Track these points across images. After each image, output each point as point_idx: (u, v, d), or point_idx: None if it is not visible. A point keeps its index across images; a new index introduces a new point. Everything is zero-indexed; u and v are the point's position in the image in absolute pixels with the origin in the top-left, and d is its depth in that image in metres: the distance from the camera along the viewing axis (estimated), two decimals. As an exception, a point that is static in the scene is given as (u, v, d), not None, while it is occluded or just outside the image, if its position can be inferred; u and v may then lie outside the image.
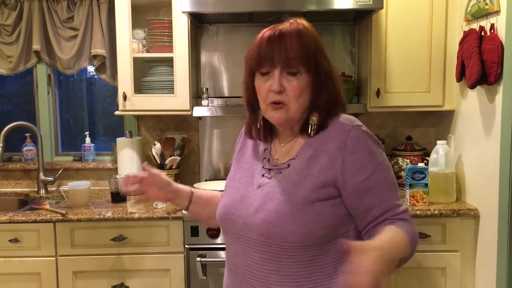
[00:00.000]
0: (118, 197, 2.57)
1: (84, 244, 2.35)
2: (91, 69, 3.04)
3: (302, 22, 1.24)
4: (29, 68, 2.94)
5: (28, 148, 3.02)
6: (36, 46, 2.83)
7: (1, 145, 2.72)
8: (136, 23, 2.63)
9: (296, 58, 1.18)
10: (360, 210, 1.19)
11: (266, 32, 1.23)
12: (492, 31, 2.14)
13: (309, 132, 1.24)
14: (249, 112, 1.32)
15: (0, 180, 3.00)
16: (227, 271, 1.34)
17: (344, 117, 1.25)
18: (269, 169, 1.28)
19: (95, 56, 2.84)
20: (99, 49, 2.81)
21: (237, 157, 1.40)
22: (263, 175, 1.28)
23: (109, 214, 2.34)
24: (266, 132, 1.32)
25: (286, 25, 1.22)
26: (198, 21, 2.78)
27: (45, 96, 3.01)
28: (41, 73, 2.99)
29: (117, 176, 2.64)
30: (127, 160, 2.76)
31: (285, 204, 1.18)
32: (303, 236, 1.16)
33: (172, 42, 2.58)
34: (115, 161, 2.92)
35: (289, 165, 1.25)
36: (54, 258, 2.36)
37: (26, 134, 3.00)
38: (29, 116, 3.03)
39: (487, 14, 2.19)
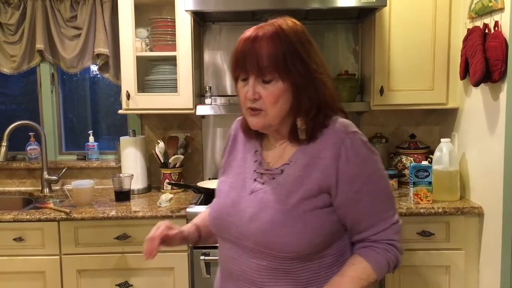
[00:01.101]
0: (121, 196, 2.58)
1: (88, 242, 2.36)
2: (94, 68, 3.04)
3: (283, 22, 1.20)
4: (33, 67, 2.95)
5: (32, 147, 3.03)
6: (39, 45, 2.83)
7: (5, 144, 2.73)
8: (139, 22, 2.64)
9: (268, 66, 1.14)
10: (348, 221, 1.20)
11: (242, 37, 1.20)
12: (496, 28, 2.13)
13: (299, 138, 1.22)
14: (241, 111, 1.30)
15: (4, 179, 3.01)
16: (220, 275, 1.32)
17: (340, 123, 1.21)
18: (261, 173, 1.25)
19: (98, 55, 2.85)
20: (102, 48, 2.81)
21: (227, 161, 1.37)
22: (255, 180, 1.25)
23: (113, 213, 2.34)
24: (257, 132, 1.30)
25: (263, 29, 1.18)
26: (201, 20, 2.78)
27: (48, 95, 3.02)
28: (45, 72, 2.99)
29: (121, 175, 2.65)
30: (131, 159, 2.77)
31: (281, 213, 1.17)
32: (302, 246, 1.15)
33: (175, 40, 2.58)
34: (118, 160, 2.92)
35: (282, 170, 1.22)
36: (58, 257, 2.37)
37: (30, 133, 3.01)
38: (33, 115, 3.03)
39: (491, 11, 2.18)
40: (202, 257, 2.28)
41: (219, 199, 1.31)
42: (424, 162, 2.46)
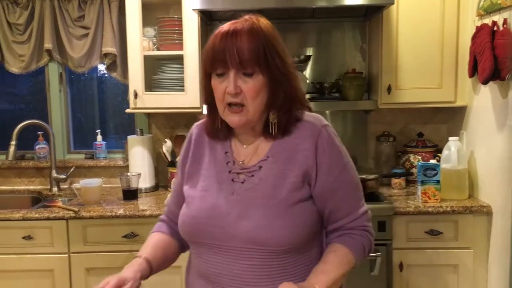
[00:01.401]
0: (129, 194, 2.59)
1: (96, 241, 2.37)
2: (102, 67, 3.06)
3: (257, 19, 1.21)
4: (41, 67, 2.97)
5: (41, 146, 3.05)
6: (47, 45, 2.85)
7: (14, 143, 2.75)
8: (146, 21, 2.64)
9: (249, 60, 1.14)
10: (326, 210, 1.24)
11: (219, 32, 1.19)
12: (505, 26, 2.11)
13: (270, 131, 1.22)
14: (208, 111, 1.28)
15: (13, 178, 3.03)
16: (199, 281, 1.27)
17: (312, 116, 1.26)
18: (238, 173, 1.24)
19: (106, 55, 2.86)
20: (110, 48, 2.83)
21: (192, 167, 1.31)
22: (233, 180, 1.24)
23: (120, 212, 2.35)
24: (225, 132, 1.28)
25: (240, 23, 1.18)
26: (208, 19, 2.78)
27: (57, 94, 3.04)
28: (53, 71, 3.01)
29: (129, 174, 2.66)
30: (138, 157, 2.78)
31: (272, 208, 1.17)
32: (293, 239, 1.17)
33: (182, 39, 2.58)
34: (126, 159, 2.93)
35: (260, 167, 1.22)
36: (67, 255, 2.38)
37: (39, 132, 3.03)
38: (41, 115, 3.05)
39: (499, 8, 2.16)
40: (209, 256, 2.28)
41: (192, 205, 1.25)
42: (432, 161, 2.45)
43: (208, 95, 1.24)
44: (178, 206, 1.33)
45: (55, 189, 2.91)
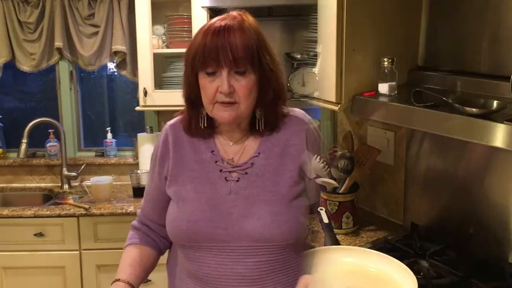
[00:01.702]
0: (139, 192, 2.60)
1: (107, 238, 2.39)
2: (111, 65, 3.07)
3: (246, 15, 1.20)
4: (52, 65, 2.98)
5: (52, 144, 3.07)
6: (58, 43, 2.86)
7: (25, 141, 2.78)
8: (156, 19, 2.65)
9: (243, 58, 1.11)
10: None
11: (209, 29, 1.15)
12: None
13: (257, 128, 1.21)
14: (190, 109, 1.24)
15: (24, 176, 3.06)
16: (190, 285, 1.23)
17: (297, 112, 1.28)
18: (230, 171, 1.21)
19: (115, 53, 2.86)
20: (120, 46, 2.83)
21: (175, 168, 1.25)
22: (226, 179, 1.20)
23: (131, 209, 2.36)
24: (208, 130, 1.24)
25: (229, 20, 1.16)
26: (217, 16, 2.78)
27: (67, 92, 3.05)
28: (63, 70, 3.02)
29: (139, 171, 2.67)
30: (148, 155, 2.75)
31: (274, 204, 1.17)
32: (297, 232, 1.19)
33: (191, 37, 2.57)
34: (136, 157, 2.94)
35: (252, 163, 1.21)
36: (78, 252, 2.40)
37: (50, 130, 3.05)
38: (52, 113, 3.07)
39: None
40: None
41: (186, 208, 1.20)
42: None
43: (192, 91, 1.19)
44: (155, 210, 1.32)
45: (66, 186, 2.93)
